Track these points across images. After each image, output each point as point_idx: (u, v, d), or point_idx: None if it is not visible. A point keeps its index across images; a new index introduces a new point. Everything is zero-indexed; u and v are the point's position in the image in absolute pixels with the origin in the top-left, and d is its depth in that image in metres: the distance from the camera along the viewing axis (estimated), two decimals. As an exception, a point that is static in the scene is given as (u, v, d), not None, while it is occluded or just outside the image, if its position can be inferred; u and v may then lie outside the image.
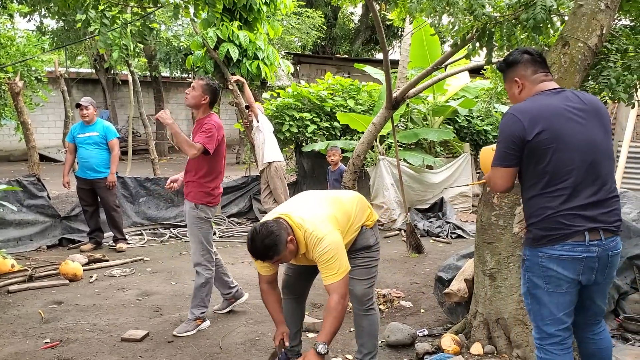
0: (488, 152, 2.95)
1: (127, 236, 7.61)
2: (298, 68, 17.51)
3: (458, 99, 9.54)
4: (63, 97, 7.96)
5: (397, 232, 7.95)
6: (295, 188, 9.47)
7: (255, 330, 4.40)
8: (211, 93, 4.44)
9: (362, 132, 8.61)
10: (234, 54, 7.65)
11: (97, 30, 4.08)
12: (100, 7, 3.91)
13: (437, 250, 7.02)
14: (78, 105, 6.91)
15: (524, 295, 2.76)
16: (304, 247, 3.14)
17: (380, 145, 8.57)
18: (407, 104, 9.33)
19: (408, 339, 4.02)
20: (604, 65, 3.80)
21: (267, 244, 3.01)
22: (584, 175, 2.54)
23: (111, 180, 6.97)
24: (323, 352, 3.02)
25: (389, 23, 6.95)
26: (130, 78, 10.08)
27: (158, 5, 3.94)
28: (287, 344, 3.40)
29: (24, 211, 7.20)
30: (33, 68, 8.70)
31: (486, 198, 3.70)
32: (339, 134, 9.24)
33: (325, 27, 20.36)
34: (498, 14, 4.01)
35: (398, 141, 8.90)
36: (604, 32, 3.49)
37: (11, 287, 5.42)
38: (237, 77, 7.61)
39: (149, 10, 4.17)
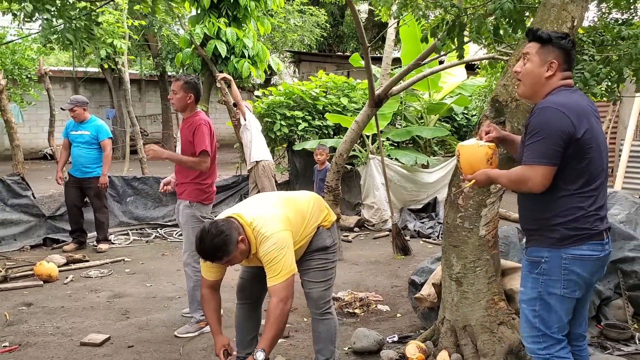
0: (474, 150, 2.63)
1: (113, 236, 7.53)
2: (298, 66, 17.37)
3: (454, 96, 9.32)
4: (48, 96, 7.89)
5: (387, 233, 7.77)
6: (287, 187, 9.32)
7: (221, 334, 4.26)
8: (193, 89, 4.36)
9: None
10: (222, 50, 7.53)
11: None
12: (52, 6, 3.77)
13: (425, 252, 6.82)
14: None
15: (531, 300, 2.56)
16: (255, 247, 3.00)
17: (372, 144, 8.38)
18: (401, 102, 9.15)
19: (374, 346, 3.86)
20: (577, 58, 3.60)
21: (216, 243, 2.89)
22: (605, 175, 2.54)
23: (102, 181, 6.85)
24: (261, 359, 2.86)
25: (383, 21, 6.77)
26: (126, 77, 10.00)
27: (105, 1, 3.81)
28: (233, 353, 3.25)
29: (7, 210, 7.12)
30: (24, 67, 8.66)
31: (451, 199, 3.52)
32: (331, 133, 9.07)
33: (329, 25, 20.18)
34: (469, 6, 3.83)
35: (390, 139, 8.74)
36: (575, 24, 3.29)
37: (-18, 289, 5.34)
38: (224, 74, 7.47)
39: (98, 4, 4.03)
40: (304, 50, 18.80)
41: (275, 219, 3.03)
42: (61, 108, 6.81)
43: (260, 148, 7.43)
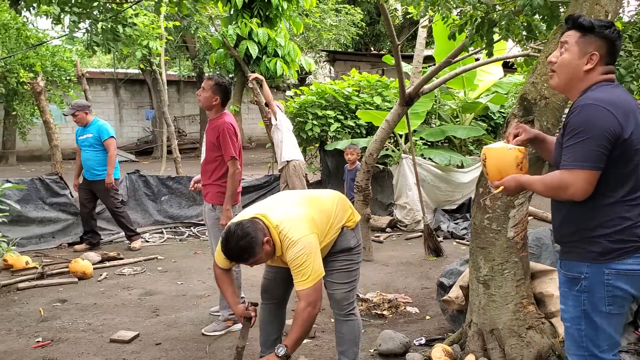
0: (502, 153, 2.40)
1: (147, 234, 7.66)
2: (333, 65, 17.33)
3: (490, 94, 9.14)
4: (85, 97, 8.08)
5: (420, 233, 7.66)
6: (319, 187, 9.32)
7: (247, 334, 4.27)
8: (221, 92, 4.39)
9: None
10: (253, 51, 7.56)
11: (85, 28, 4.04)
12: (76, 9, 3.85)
13: (458, 253, 6.70)
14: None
15: (575, 319, 2.32)
16: (280, 249, 2.99)
17: (405, 143, 8.29)
18: (436, 101, 9.02)
19: (400, 348, 3.80)
20: (613, 54, 3.46)
21: (242, 245, 2.88)
22: None
23: (108, 181, 6.75)
24: (281, 354, 2.85)
25: (415, 19, 6.69)
26: (161, 78, 10.15)
27: (130, 2, 3.87)
28: (254, 317, 3.23)
29: (46, 209, 7.32)
30: (63, 69, 8.89)
31: (478, 200, 3.44)
32: (364, 132, 9.01)
33: (365, 24, 20.07)
34: (498, 2, 3.74)
35: (423, 139, 8.63)
36: (609, 18, 3.17)
37: (20, 285, 5.48)
38: (256, 74, 7.50)
39: (124, 6, 4.09)
40: (340, 49, 18.75)
41: (301, 222, 2.99)
42: (63, 114, 6.87)
43: (291, 148, 7.43)
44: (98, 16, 3.91)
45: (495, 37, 3.87)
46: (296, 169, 7.39)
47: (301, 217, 3.02)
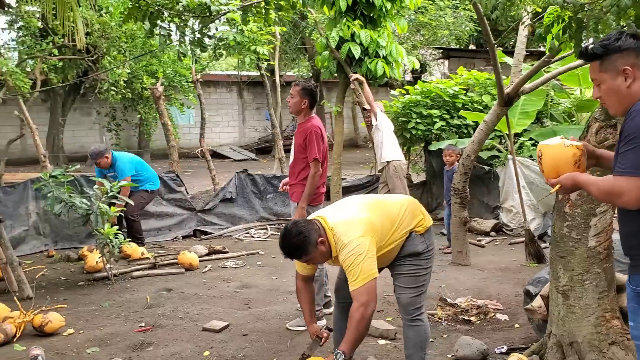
0: (559, 150, 2.30)
1: (253, 230, 8.06)
2: (447, 62, 16.96)
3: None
4: (199, 101, 8.65)
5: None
6: (424, 188, 9.23)
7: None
8: (308, 96, 4.58)
9: (495, 131, 8.12)
10: (356, 52, 7.64)
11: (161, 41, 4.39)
12: (167, 19, 4.21)
13: (563, 260, 6.35)
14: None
15: None
16: (335, 251, 3.09)
17: (513, 144, 7.96)
18: (549, 100, 8.57)
19: (477, 355, 3.74)
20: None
21: (295, 242, 3.03)
22: None
23: (118, 207, 6.01)
24: None
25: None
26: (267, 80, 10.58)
27: (213, 15, 4.12)
28: (324, 336, 3.36)
29: (164, 204, 7.96)
30: (183, 75, 9.59)
31: (558, 206, 3.29)
32: (471, 132, 8.77)
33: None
34: (587, 1, 3.53)
35: (533, 139, 8.24)
36: None
37: (134, 273, 6.03)
38: (357, 75, 7.60)
39: (208, 20, 4.37)
40: (455, 47, 18.31)
41: (356, 225, 3.06)
42: (90, 156, 7.04)
43: (392, 148, 7.44)
44: (184, 30, 4.25)
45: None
46: (396, 169, 7.39)
47: (357, 221, 3.09)
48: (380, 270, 3.16)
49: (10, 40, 10.62)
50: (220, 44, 4.72)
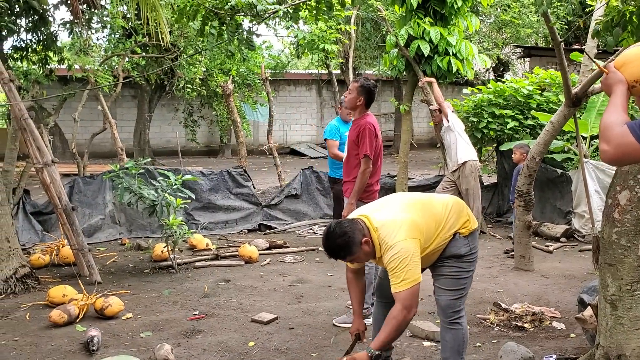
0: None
1: (316, 226, 8.14)
2: (528, 61, 16.31)
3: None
4: (268, 99, 8.82)
5: (598, 245, 6.98)
6: (495, 190, 8.96)
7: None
8: (366, 94, 4.58)
9: (569, 131, 7.77)
10: (425, 49, 7.54)
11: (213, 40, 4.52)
12: (215, 23, 4.31)
13: (637, 271, 5.98)
14: None
15: None
16: (379, 251, 3.07)
17: (588, 147, 7.59)
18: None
19: (521, 363, 3.60)
20: None
21: (339, 243, 3.02)
22: None
23: None
24: (372, 357, 2.93)
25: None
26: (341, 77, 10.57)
27: (260, 14, 4.18)
28: (363, 339, 3.36)
29: (231, 198, 8.21)
30: (255, 73, 9.81)
31: (607, 212, 3.12)
32: (545, 133, 8.42)
33: (569, 17, 18.48)
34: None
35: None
36: None
37: (197, 264, 6.27)
38: (428, 78, 7.49)
39: (257, 19, 4.44)
40: (537, 45, 17.59)
41: (401, 227, 3.01)
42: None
43: (466, 147, 7.28)
44: (232, 31, 4.35)
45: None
46: (473, 169, 7.22)
47: (402, 222, 3.04)
48: (422, 270, 3.12)
49: (96, 40, 11.33)
50: (243, 46, 4.78)
